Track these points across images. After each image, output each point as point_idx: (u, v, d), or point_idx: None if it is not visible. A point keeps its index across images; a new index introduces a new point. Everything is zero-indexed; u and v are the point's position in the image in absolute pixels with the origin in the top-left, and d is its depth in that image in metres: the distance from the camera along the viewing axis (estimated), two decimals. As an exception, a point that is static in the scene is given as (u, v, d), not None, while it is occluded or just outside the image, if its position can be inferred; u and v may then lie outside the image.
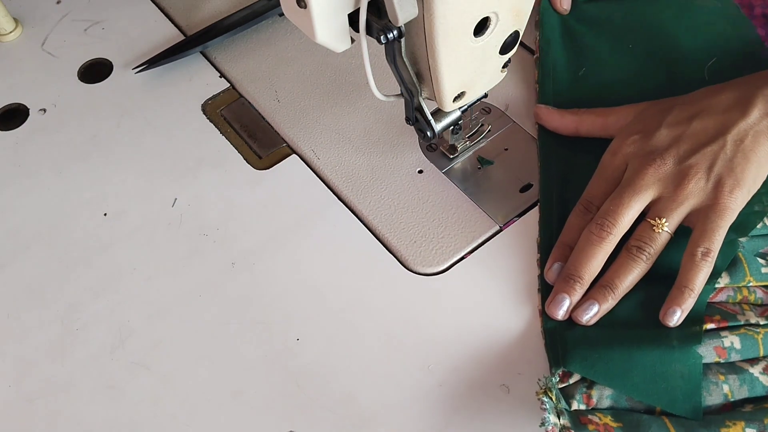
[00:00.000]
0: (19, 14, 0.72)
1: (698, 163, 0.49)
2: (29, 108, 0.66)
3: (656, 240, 0.49)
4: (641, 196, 0.50)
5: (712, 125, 0.50)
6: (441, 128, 0.54)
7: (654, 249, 0.49)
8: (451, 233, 0.55)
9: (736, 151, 0.49)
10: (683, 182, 0.49)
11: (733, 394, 0.46)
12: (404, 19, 0.43)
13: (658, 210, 0.49)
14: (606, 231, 0.49)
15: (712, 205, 0.48)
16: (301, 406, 0.48)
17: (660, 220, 0.49)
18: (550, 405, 0.44)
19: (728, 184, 0.48)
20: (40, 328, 0.52)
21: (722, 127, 0.50)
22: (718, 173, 0.49)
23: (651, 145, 0.51)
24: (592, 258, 0.49)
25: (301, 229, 0.56)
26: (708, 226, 0.48)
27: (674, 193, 0.49)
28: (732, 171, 0.49)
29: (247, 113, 0.64)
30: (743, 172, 0.49)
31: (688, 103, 0.53)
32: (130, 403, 0.49)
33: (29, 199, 0.60)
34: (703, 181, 0.49)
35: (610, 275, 0.49)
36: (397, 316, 0.51)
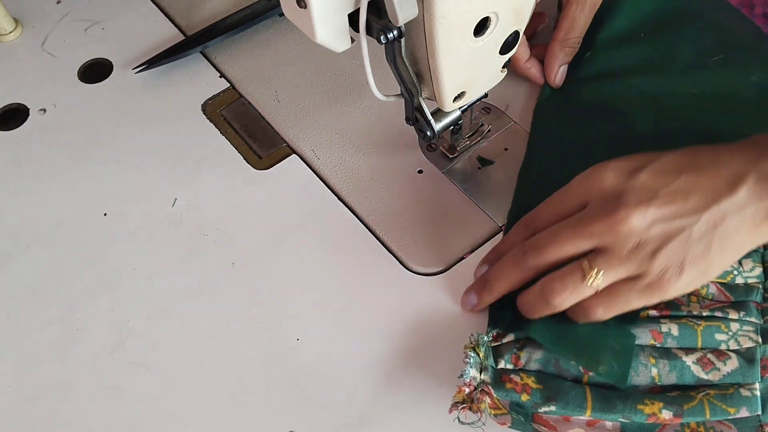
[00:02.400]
0: (19, 14, 0.72)
1: (656, 238, 0.43)
2: (29, 108, 0.66)
3: (579, 290, 0.44)
4: (582, 242, 0.45)
5: (694, 192, 0.44)
6: (441, 128, 0.54)
7: (572, 299, 0.45)
8: (451, 233, 0.55)
9: (703, 235, 0.43)
10: (633, 251, 0.43)
11: (660, 378, 0.46)
12: (404, 19, 0.43)
13: (599, 261, 0.44)
14: (527, 262, 0.46)
15: (647, 284, 0.44)
16: (301, 406, 0.48)
17: (594, 273, 0.44)
18: (474, 360, 0.46)
19: (671, 271, 0.43)
20: (40, 328, 0.52)
21: (704, 199, 0.43)
22: (669, 253, 0.43)
23: (621, 189, 0.44)
24: (507, 278, 0.48)
25: (301, 229, 0.56)
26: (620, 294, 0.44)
27: (620, 255, 0.44)
28: (684, 258, 0.43)
29: (247, 113, 0.64)
30: (693, 263, 0.43)
31: (680, 156, 0.46)
32: (130, 403, 0.49)
33: (29, 199, 0.60)
34: (651, 255, 0.43)
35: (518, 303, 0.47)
36: (397, 316, 0.51)
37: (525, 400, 0.45)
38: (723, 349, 0.47)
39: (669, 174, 0.44)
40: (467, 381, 0.45)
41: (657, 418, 0.45)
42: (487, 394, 0.45)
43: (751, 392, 0.45)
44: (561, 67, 0.61)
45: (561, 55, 0.60)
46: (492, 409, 0.46)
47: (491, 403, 0.46)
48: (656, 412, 0.44)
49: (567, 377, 0.46)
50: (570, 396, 0.45)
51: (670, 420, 0.45)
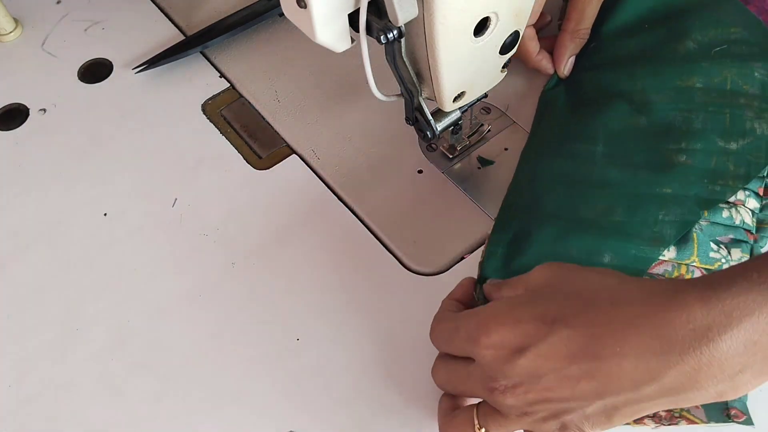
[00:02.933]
0: (19, 14, 0.72)
1: (544, 411, 0.39)
2: (29, 108, 0.66)
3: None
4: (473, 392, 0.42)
5: (585, 382, 0.37)
6: (441, 128, 0.54)
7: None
8: (451, 233, 0.55)
9: (600, 413, 0.38)
10: (521, 416, 0.40)
11: None
12: (404, 19, 0.43)
13: (487, 420, 0.42)
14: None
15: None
16: (301, 406, 0.48)
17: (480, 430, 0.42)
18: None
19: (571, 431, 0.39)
20: (40, 328, 0.52)
21: (596, 390, 0.37)
22: (564, 422, 0.39)
23: (499, 373, 0.39)
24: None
25: (301, 229, 0.56)
26: None
27: (511, 420, 0.41)
28: (582, 424, 0.39)
29: (247, 113, 0.64)
30: (596, 428, 0.39)
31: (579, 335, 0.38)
32: (130, 403, 0.49)
33: (29, 199, 0.60)
34: (544, 421, 0.40)
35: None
36: (397, 316, 0.51)
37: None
38: None
39: (556, 359, 0.38)
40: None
41: None
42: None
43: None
44: (570, 58, 0.62)
45: (571, 46, 0.61)
46: None
47: None
48: None
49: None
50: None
51: None
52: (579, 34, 0.61)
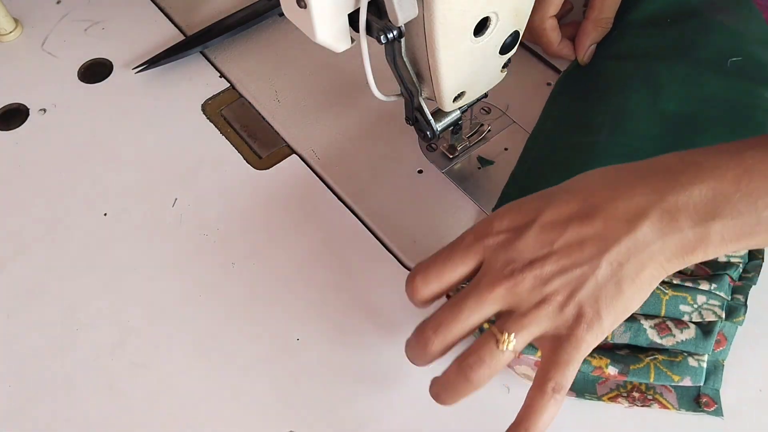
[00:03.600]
0: (19, 14, 0.72)
1: (560, 289, 0.41)
2: (29, 108, 0.66)
3: (497, 359, 0.42)
4: (485, 308, 0.42)
5: (590, 238, 0.41)
6: (441, 128, 0.54)
7: (491, 370, 0.42)
8: (451, 233, 0.55)
9: (610, 276, 0.41)
10: (539, 306, 0.41)
11: (613, 337, 0.47)
12: (404, 19, 0.43)
13: (506, 324, 0.42)
14: (440, 338, 0.43)
15: (567, 336, 0.41)
16: (301, 406, 0.48)
17: (506, 336, 0.41)
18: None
19: (588, 316, 0.41)
20: (40, 328, 0.52)
21: (601, 244, 0.41)
22: (580, 302, 0.41)
23: (513, 252, 0.42)
24: (425, 355, 0.44)
25: (301, 229, 0.56)
26: (561, 357, 0.41)
27: (527, 312, 0.42)
28: (597, 302, 0.41)
29: (247, 113, 0.64)
30: (610, 305, 0.41)
31: (573, 200, 0.42)
32: (130, 403, 0.49)
33: (29, 199, 0.60)
34: (561, 307, 0.41)
35: (436, 390, 0.44)
36: (397, 315, 0.51)
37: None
38: (685, 320, 0.47)
39: (559, 226, 0.42)
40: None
41: (602, 371, 0.46)
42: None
43: (698, 363, 0.46)
44: (591, 46, 0.63)
45: (593, 34, 0.62)
46: None
47: None
48: (602, 366, 0.46)
49: None
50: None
51: (615, 376, 0.46)
52: (602, 23, 0.62)
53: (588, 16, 0.63)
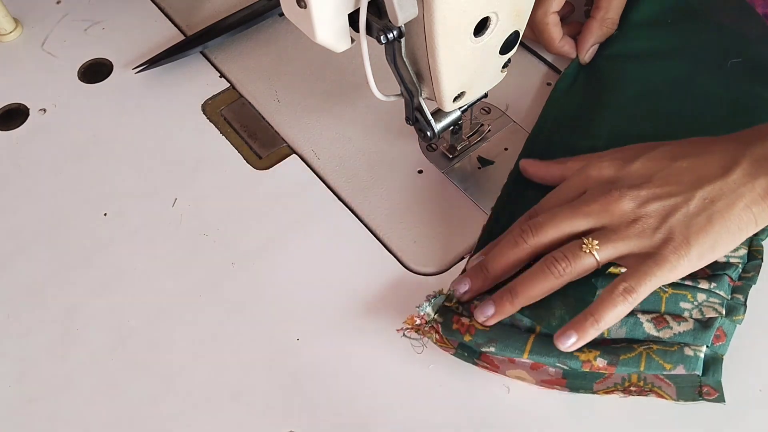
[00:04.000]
0: (19, 14, 0.72)
1: (654, 213, 0.45)
2: (29, 108, 0.66)
3: (579, 259, 0.45)
4: (578, 221, 0.47)
5: (687, 174, 0.46)
6: (441, 128, 0.54)
7: (572, 268, 0.45)
8: (451, 233, 0.55)
9: (702, 209, 0.45)
10: (631, 225, 0.45)
11: (609, 333, 0.47)
12: (404, 19, 0.43)
13: (595, 235, 0.46)
14: (524, 239, 0.47)
15: (652, 254, 0.44)
16: (301, 406, 0.48)
17: (592, 242, 0.45)
18: (435, 301, 0.49)
19: (677, 240, 0.44)
20: (40, 328, 0.52)
21: (697, 179, 0.46)
22: (671, 227, 0.45)
23: (616, 176, 0.48)
24: (503, 258, 0.48)
25: (301, 229, 0.56)
26: (641, 268, 0.44)
27: (618, 230, 0.45)
28: (687, 229, 0.44)
29: (247, 113, 0.64)
30: (699, 234, 0.44)
31: (675, 145, 0.49)
32: (130, 403, 0.49)
33: (29, 199, 0.60)
34: (652, 229, 0.45)
35: (516, 282, 0.47)
36: (397, 316, 0.51)
37: (467, 341, 0.47)
38: (685, 316, 0.47)
39: (662, 160, 0.47)
40: (421, 314, 0.49)
41: (591, 365, 0.45)
42: (435, 332, 0.49)
43: (694, 353, 0.45)
44: (593, 46, 0.63)
45: (597, 33, 0.63)
46: (438, 344, 0.49)
47: (438, 339, 0.48)
48: (591, 359, 0.45)
49: (520, 327, 0.48)
50: (511, 339, 0.47)
51: (604, 368, 0.45)
52: (607, 23, 0.62)
53: (594, 16, 0.62)
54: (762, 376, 0.48)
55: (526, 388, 0.48)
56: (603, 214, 0.46)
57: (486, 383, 0.48)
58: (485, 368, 0.48)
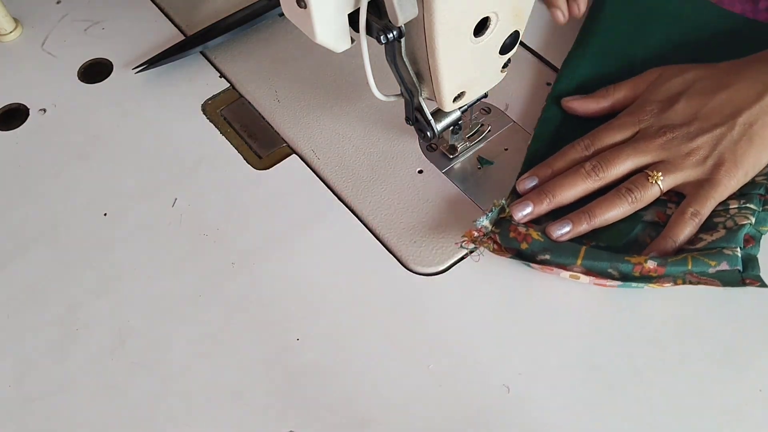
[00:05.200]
0: (19, 14, 0.72)
1: (704, 144, 0.52)
2: (29, 108, 0.66)
3: (647, 188, 0.52)
4: (642, 157, 0.53)
5: (727, 106, 0.53)
6: (441, 128, 0.54)
7: (641, 195, 0.52)
8: (451, 233, 0.55)
9: (743, 134, 0.52)
10: (687, 157, 0.52)
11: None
12: (404, 20, 0.43)
13: (657, 167, 0.53)
14: (596, 172, 0.53)
15: (708, 179, 0.52)
16: (301, 406, 0.48)
17: (656, 173, 0.52)
18: (491, 214, 0.53)
19: (727, 164, 0.52)
20: (40, 328, 0.52)
21: (736, 109, 0.53)
22: (720, 153, 0.52)
23: (666, 118, 0.54)
24: (573, 187, 0.53)
25: (301, 229, 0.56)
26: (701, 193, 0.52)
27: (675, 162, 0.53)
28: (734, 153, 0.52)
29: (247, 113, 0.64)
30: (743, 156, 0.52)
31: (709, 78, 0.55)
32: (130, 403, 0.49)
33: (29, 199, 0.60)
34: (704, 158, 0.52)
35: (593, 205, 0.52)
36: (397, 316, 0.51)
37: (524, 248, 0.52)
38: (719, 228, 0.51)
39: (704, 95, 0.54)
40: (479, 227, 0.53)
41: (642, 268, 0.49)
42: (493, 241, 0.53)
43: (732, 252, 0.50)
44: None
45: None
46: (496, 252, 0.52)
47: (496, 248, 0.52)
48: (642, 262, 0.49)
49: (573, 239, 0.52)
50: (565, 249, 0.51)
51: (654, 269, 0.49)
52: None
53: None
54: (762, 376, 0.48)
55: (527, 389, 0.48)
56: (661, 152, 0.53)
57: (486, 383, 0.48)
58: (540, 269, 0.52)
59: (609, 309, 0.51)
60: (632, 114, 0.56)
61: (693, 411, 0.46)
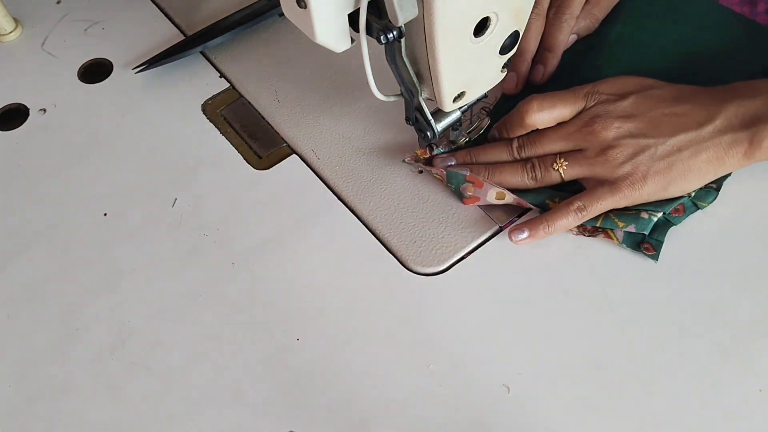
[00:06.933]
0: (19, 14, 0.72)
1: (626, 147, 0.51)
2: (29, 108, 0.66)
3: (549, 172, 0.54)
4: (562, 142, 0.54)
5: (668, 121, 0.52)
6: (441, 128, 0.54)
7: (542, 176, 0.54)
8: (451, 233, 0.55)
9: (668, 155, 0.51)
10: (603, 153, 0.52)
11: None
12: (404, 20, 0.43)
13: (570, 156, 0.53)
14: (519, 151, 0.55)
15: (611, 182, 0.52)
16: (301, 406, 0.48)
17: (562, 162, 0.53)
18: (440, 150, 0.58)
19: (636, 176, 0.51)
20: (40, 328, 0.52)
21: (674, 128, 0.51)
22: (636, 163, 0.51)
23: (605, 109, 0.53)
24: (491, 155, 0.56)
25: (301, 229, 0.56)
26: (597, 193, 0.52)
27: (590, 155, 0.53)
28: (649, 169, 0.51)
29: (247, 113, 0.64)
30: (657, 175, 0.51)
31: (668, 91, 0.54)
32: (130, 403, 0.49)
33: (29, 199, 0.60)
34: (619, 161, 0.51)
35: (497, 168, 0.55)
36: (397, 316, 0.51)
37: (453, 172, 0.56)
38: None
39: (653, 102, 0.53)
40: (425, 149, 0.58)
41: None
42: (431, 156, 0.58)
43: (649, 216, 0.52)
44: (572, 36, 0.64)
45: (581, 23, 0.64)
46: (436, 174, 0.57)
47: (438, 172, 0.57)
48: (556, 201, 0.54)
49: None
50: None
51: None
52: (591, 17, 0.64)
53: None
54: (762, 376, 0.48)
55: (527, 389, 0.48)
56: (581, 141, 0.53)
57: (486, 383, 0.48)
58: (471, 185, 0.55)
59: (609, 309, 0.50)
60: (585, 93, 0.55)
61: (693, 411, 0.46)
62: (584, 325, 0.50)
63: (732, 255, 0.52)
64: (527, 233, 0.53)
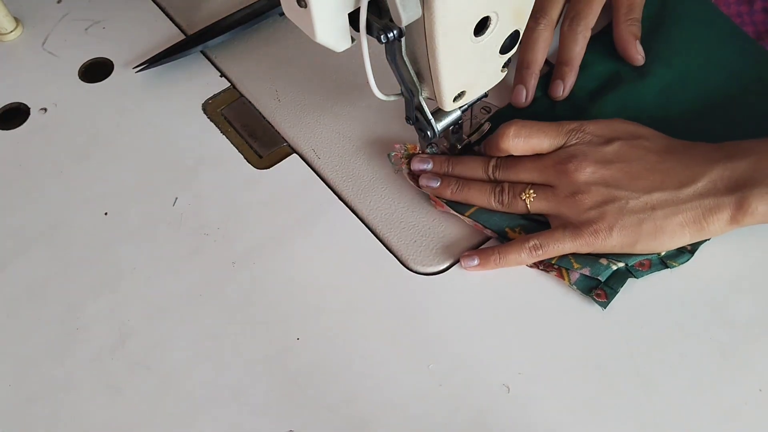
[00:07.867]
0: (19, 14, 0.72)
1: (597, 195, 0.50)
2: (30, 107, 0.66)
3: (516, 200, 0.53)
4: (536, 174, 0.52)
5: (647, 176, 0.50)
6: (441, 128, 0.54)
7: (508, 202, 0.53)
8: (451, 233, 0.55)
9: (639, 210, 0.49)
10: (572, 196, 0.50)
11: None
12: (408, 20, 0.43)
13: (539, 190, 0.52)
14: (494, 173, 0.54)
15: (574, 226, 0.50)
16: (301, 406, 0.48)
17: (530, 193, 0.52)
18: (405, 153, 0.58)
19: (602, 225, 0.49)
20: (40, 328, 0.52)
21: (651, 185, 0.49)
22: (604, 212, 0.49)
23: (583, 151, 0.51)
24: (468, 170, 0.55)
25: (301, 229, 0.56)
26: (557, 234, 0.50)
27: (560, 194, 0.51)
28: (617, 220, 0.49)
29: (247, 113, 0.64)
30: (623, 229, 0.49)
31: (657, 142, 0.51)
32: (130, 403, 0.49)
33: (29, 199, 0.60)
34: (587, 206, 0.50)
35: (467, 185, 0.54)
36: (397, 316, 0.51)
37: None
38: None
39: (638, 152, 0.51)
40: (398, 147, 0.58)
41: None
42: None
43: (608, 263, 0.50)
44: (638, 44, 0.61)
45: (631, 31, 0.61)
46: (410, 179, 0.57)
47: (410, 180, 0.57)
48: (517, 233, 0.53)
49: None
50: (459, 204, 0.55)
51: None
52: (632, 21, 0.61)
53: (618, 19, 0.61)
54: (762, 376, 0.48)
55: (527, 389, 0.48)
56: (554, 178, 0.51)
57: (486, 383, 0.48)
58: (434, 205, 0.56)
59: (609, 309, 0.50)
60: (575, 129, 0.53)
61: (693, 411, 0.46)
62: (584, 325, 0.50)
63: (732, 255, 0.52)
64: (477, 261, 0.52)
